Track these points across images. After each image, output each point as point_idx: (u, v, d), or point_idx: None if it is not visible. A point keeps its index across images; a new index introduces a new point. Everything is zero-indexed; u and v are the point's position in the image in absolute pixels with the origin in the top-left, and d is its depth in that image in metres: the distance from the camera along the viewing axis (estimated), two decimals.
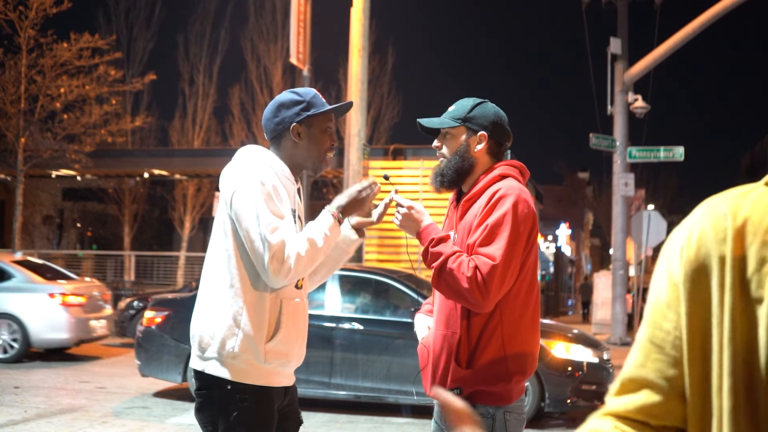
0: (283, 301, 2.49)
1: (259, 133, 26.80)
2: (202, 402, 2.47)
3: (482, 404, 2.46)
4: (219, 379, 2.42)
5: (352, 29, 13.54)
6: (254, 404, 2.43)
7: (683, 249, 0.93)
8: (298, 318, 2.56)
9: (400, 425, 7.24)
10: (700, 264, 0.91)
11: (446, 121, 2.62)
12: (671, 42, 16.30)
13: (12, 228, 19.79)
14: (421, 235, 2.57)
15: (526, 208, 2.44)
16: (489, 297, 2.36)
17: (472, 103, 2.64)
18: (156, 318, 8.07)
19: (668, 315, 0.95)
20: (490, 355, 2.44)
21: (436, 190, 2.67)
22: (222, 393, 2.42)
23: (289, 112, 2.60)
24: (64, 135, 19.88)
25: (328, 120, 2.65)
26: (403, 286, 7.72)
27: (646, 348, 0.97)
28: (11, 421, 6.82)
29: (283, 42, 26.18)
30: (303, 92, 2.64)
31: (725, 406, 0.86)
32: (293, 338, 2.53)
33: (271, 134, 2.64)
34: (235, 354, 2.41)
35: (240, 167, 2.50)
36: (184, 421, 7.12)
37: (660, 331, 0.96)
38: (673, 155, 17.40)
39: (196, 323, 2.52)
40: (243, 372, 2.42)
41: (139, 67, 27.80)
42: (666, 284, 0.95)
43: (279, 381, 2.52)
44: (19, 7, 18.57)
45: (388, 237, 16.41)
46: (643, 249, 18.41)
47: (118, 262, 24.49)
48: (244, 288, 2.45)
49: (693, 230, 0.93)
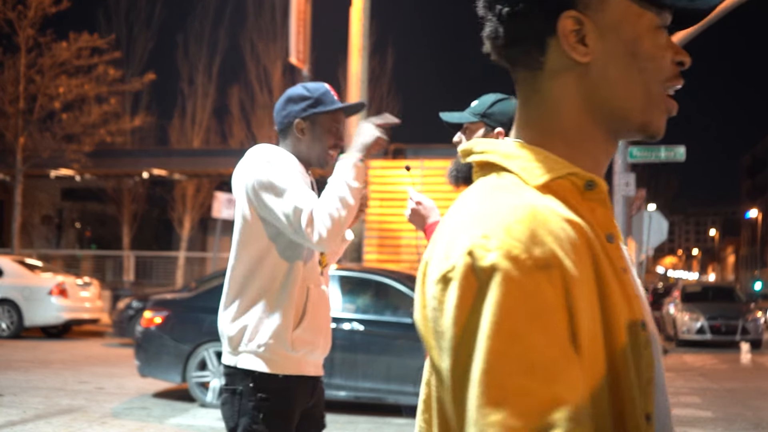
0: (310, 288, 2.50)
1: (258, 132, 26.78)
2: (226, 397, 2.49)
3: None
4: (246, 373, 2.43)
5: (352, 29, 13.51)
6: (276, 403, 2.44)
7: None
8: (322, 306, 2.56)
9: (400, 426, 7.21)
10: None
11: (465, 116, 2.57)
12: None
13: (11, 228, 19.76)
14: (426, 231, 2.58)
15: None
16: None
17: (493, 99, 2.60)
18: (155, 318, 8.04)
19: None
20: None
21: (454, 185, 2.61)
22: (246, 388, 2.43)
23: (296, 107, 2.58)
24: (63, 135, 19.87)
25: (334, 119, 2.62)
26: (403, 286, 7.70)
27: None
28: (10, 421, 6.79)
29: (282, 41, 26.15)
30: (313, 88, 2.62)
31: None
32: (319, 326, 2.53)
33: (278, 127, 2.64)
34: (264, 344, 2.42)
35: (255, 161, 2.50)
36: (184, 422, 7.09)
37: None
38: (674, 155, 17.38)
39: (225, 320, 2.51)
40: (273, 362, 2.43)
41: (138, 66, 27.78)
42: None
43: (307, 370, 2.52)
44: (18, 6, 18.54)
45: (388, 237, 16.39)
46: (644, 249, 18.39)
47: (117, 262, 24.47)
48: (269, 277, 2.45)
49: None
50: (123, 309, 13.36)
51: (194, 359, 7.75)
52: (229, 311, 2.50)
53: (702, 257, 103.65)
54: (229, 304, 2.50)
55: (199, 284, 12.75)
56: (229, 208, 16.16)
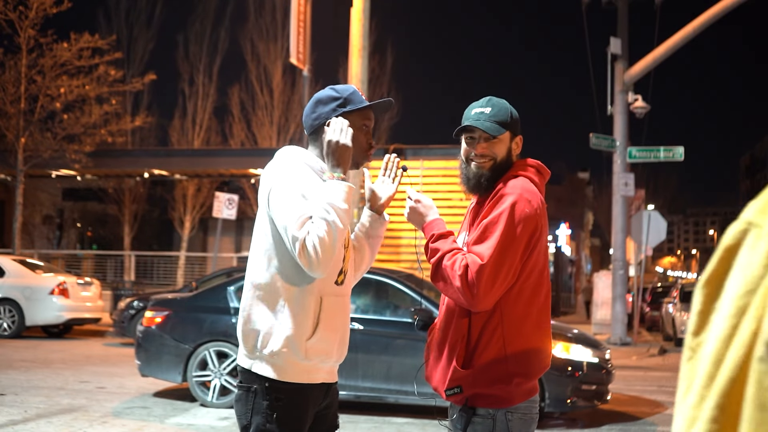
0: (324, 298, 2.51)
1: (259, 132, 26.80)
2: (240, 394, 2.52)
3: (482, 407, 2.44)
4: (261, 377, 2.47)
5: (352, 29, 13.53)
6: (289, 403, 2.47)
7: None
8: (338, 315, 2.57)
9: (400, 425, 7.24)
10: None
11: (496, 127, 2.55)
12: (671, 42, 16.30)
13: (12, 228, 19.78)
14: (424, 230, 2.58)
15: (527, 208, 2.39)
16: (479, 296, 2.34)
17: (509, 107, 2.61)
18: (156, 318, 8.07)
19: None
20: (490, 355, 2.42)
21: (472, 193, 2.61)
22: (260, 389, 2.47)
23: (326, 108, 2.60)
24: (64, 135, 19.88)
25: (365, 117, 2.64)
26: (403, 286, 7.72)
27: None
28: (11, 421, 6.81)
29: (283, 42, 26.18)
30: (341, 89, 2.64)
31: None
32: (333, 335, 2.55)
33: (309, 130, 2.65)
34: (277, 352, 2.45)
35: (275, 167, 2.52)
36: (184, 421, 7.12)
37: None
38: (673, 155, 17.41)
39: (241, 323, 2.54)
40: (284, 370, 2.46)
41: (139, 67, 27.81)
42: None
43: (318, 377, 2.55)
44: (19, 7, 18.56)
45: (388, 237, 16.40)
46: (643, 249, 18.40)
47: (118, 262, 24.49)
48: (284, 286, 2.47)
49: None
50: (124, 309, 13.39)
51: (195, 359, 7.78)
52: (245, 314, 2.53)
53: (701, 257, 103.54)
54: (246, 307, 2.53)
55: (200, 284, 12.78)
56: (229, 208, 16.18)
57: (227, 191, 18.22)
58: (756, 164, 76.52)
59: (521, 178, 2.51)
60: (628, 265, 19.16)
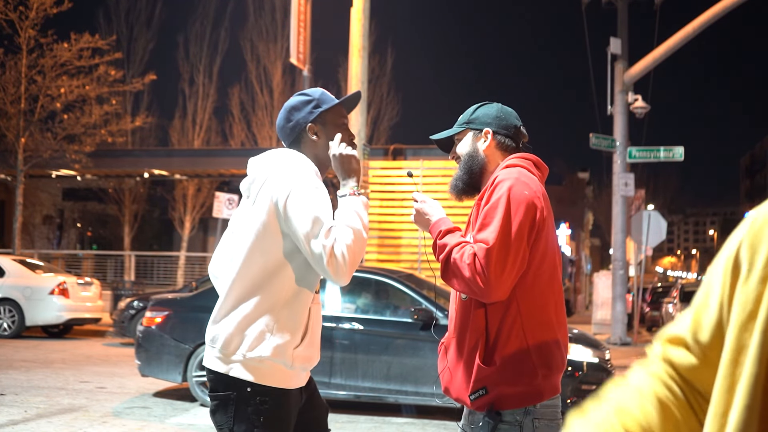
0: (312, 307, 2.51)
1: (258, 132, 26.81)
2: (218, 404, 2.45)
3: (509, 409, 2.36)
4: (240, 381, 2.41)
5: (352, 29, 13.54)
6: (274, 405, 2.43)
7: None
8: (318, 323, 2.58)
9: (400, 425, 7.24)
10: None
11: (453, 128, 2.64)
12: (671, 42, 16.30)
13: (12, 228, 19.78)
14: (431, 230, 2.56)
15: (525, 189, 2.36)
16: (490, 283, 2.27)
17: (475, 106, 2.66)
18: (156, 318, 8.08)
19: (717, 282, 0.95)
20: (512, 348, 2.34)
21: (457, 197, 2.65)
22: (242, 394, 2.40)
23: (302, 113, 2.59)
24: (64, 135, 19.88)
25: (340, 115, 2.64)
26: (403, 286, 7.72)
27: (692, 310, 1.00)
28: (11, 420, 6.82)
29: (283, 42, 26.20)
30: (311, 91, 2.64)
31: (748, 374, 0.84)
32: (316, 342, 2.56)
33: (288, 140, 2.61)
34: (264, 358, 2.40)
35: (289, 172, 2.44)
36: (184, 421, 7.12)
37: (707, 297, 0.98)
38: (673, 155, 17.41)
39: (223, 325, 2.45)
40: (267, 375, 2.41)
41: (139, 67, 27.83)
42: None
43: (298, 383, 2.54)
44: (20, 7, 18.58)
45: (388, 237, 16.42)
46: (643, 249, 18.40)
47: (118, 262, 24.49)
48: (279, 294, 2.42)
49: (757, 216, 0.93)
50: (124, 309, 13.40)
51: (195, 359, 7.78)
52: (229, 317, 2.44)
53: (701, 257, 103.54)
54: (229, 309, 2.44)
55: (200, 284, 12.78)
56: (229, 208, 16.18)
57: (227, 191, 18.22)
58: (756, 164, 76.55)
59: (517, 168, 2.49)
60: (628, 265, 19.17)
